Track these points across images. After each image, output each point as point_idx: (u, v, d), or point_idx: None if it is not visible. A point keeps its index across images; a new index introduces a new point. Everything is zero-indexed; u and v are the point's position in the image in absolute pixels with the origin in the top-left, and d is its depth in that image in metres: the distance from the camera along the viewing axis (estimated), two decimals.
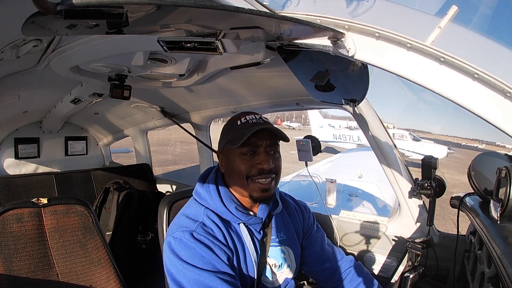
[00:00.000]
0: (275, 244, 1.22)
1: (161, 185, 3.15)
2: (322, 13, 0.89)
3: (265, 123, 1.10)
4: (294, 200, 1.40)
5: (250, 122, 1.09)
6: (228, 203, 1.11)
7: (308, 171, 1.87)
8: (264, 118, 1.13)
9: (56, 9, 0.52)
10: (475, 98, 0.73)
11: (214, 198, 1.11)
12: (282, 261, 1.23)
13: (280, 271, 1.22)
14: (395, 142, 1.59)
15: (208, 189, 1.13)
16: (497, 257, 0.82)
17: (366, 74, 1.11)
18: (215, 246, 1.02)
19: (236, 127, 1.10)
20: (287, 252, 1.25)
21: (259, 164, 1.07)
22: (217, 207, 1.10)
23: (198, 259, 0.98)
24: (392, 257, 1.64)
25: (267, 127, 1.07)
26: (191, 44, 0.97)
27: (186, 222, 1.06)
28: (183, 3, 0.61)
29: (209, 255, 1.00)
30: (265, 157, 1.08)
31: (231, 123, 1.14)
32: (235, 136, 1.08)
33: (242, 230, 1.13)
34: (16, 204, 1.34)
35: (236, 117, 1.15)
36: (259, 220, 1.15)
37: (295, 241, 1.28)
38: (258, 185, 1.08)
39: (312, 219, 1.39)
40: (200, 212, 1.10)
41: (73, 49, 1.33)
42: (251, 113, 1.13)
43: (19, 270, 1.26)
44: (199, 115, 2.47)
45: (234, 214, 1.10)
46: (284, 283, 1.25)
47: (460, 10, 0.74)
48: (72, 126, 3.35)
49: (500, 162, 1.19)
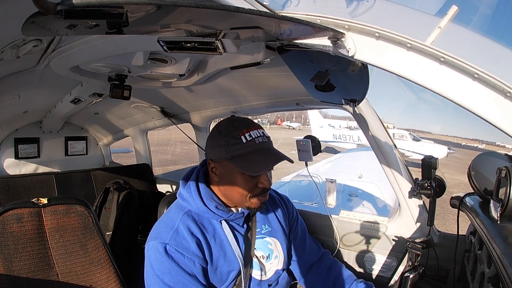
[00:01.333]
0: (260, 236, 1.25)
1: (161, 185, 3.15)
2: (322, 13, 0.89)
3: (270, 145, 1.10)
4: (277, 192, 1.44)
5: (257, 141, 1.06)
6: (209, 202, 1.13)
7: (308, 171, 1.88)
8: (266, 134, 1.12)
9: (56, 9, 0.51)
10: (475, 98, 0.73)
11: (195, 198, 1.13)
12: (269, 251, 1.25)
13: (269, 263, 1.25)
14: (395, 142, 1.59)
15: (190, 189, 1.15)
16: (497, 257, 0.82)
17: (366, 74, 1.11)
18: (186, 259, 1.06)
19: (242, 145, 1.05)
20: (274, 243, 1.28)
21: (262, 184, 1.10)
22: (198, 207, 1.13)
23: (166, 274, 1.04)
24: (392, 257, 1.64)
25: (281, 160, 1.08)
26: (191, 44, 0.96)
27: (162, 230, 1.10)
28: (183, 3, 0.61)
29: (177, 271, 1.05)
30: (268, 178, 1.10)
31: (230, 135, 1.07)
32: (244, 160, 1.05)
33: (224, 227, 1.15)
34: (16, 204, 1.34)
35: (233, 126, 1.09)
36: (240, 215, 1.18)
37: (281, 232, 1.32)
38: (259, 201, 1.12)
39: (296, 213, 1.44)
40: (178, 217, 1.13)
41: (73, 49, 1.33)
42: (252, 127, 1.09)
43: (19, 270, 1.26)
44: (199, 115, 2.47)
45: (215, 212, 1.13)
46: (276, 275, 1.27)
47: (460, 10, 0.74)
48: (72, 126, 3.35)
49: (500, 162, 1.19)
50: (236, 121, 1.11)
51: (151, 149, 3.35)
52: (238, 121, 1.11)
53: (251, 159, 1.04)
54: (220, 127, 1.11)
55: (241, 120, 1.12)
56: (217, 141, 1.09)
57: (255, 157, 1.05)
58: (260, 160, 1.05)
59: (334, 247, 1.77)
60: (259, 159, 1.04)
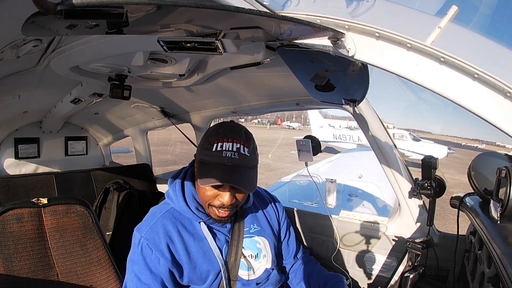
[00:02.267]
0: (249, 235, 1.27)
1: (161, 185, 3.15)
2: (322, 13, 0.89)
3: (238, 164, 1.02)
4: (267, 192, 1.47)
5: (224, 154, 1.02)
6: (190, 202, 1.15)
7: (308, 171, 1.88)
8: (244, 151, 1.04)
9: (56, 9, 0.51)
10: (475, 98, 0.73)
11: (178, 197, 1.16)
12: (257, 251, 1.27)
13: (258, 262, 1.26)
14: (395, 142, 1.59)
15: (175, 188, 1.18)
16: (497, 257, 0.83)
17: (366, 74, 1.11)
18: (153, 255, 1.10)
19: (210, 152, 1.03)
20: (262, 242, 1.30)
21: (222, 199, 1.07)
22: (180, 206, 1.16)
23: (136, 264, 1.12)
24: (392, 257, 1.64)
25: (231, 184, 1.03)
26: (191, 44, 0.96)
27: (143, 223, 1.17)
28: (183, 3, 0.61)
29: (143, 264, 1.10)
30: (228, 196, 1.06)
31: (209, 138, 1.07)
32: (204, 168, 1.05)
33: (202, 228, 1.17)
34: (16, 204, 1.34)
35: (217, 131, 1.07)
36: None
37: (269, 231, 1.34)
38: (216, 213, 1.10)
39: (285, 213, 1.46)
40: (159, 213, 1.17)
41: (73, 49, 1.33)
42: (232, 138, 1.04)
43: (19, 270, 1.26)
44: (199, 115, 2.47)
45: (195, 213, 1.15)
46: (265, 273, 1.28)
47: (460, 10, 0.74)
48: (72, 126, 3.35)
49: (500, 162, 1.19)
50: (224, 127, 1.08)
51: (151, 149, 3.35)
52: (225, 127, 1.08)
53: (210, 169, 1.02)
54: (211, 127, 1.13)
55: (229, 128, 1.08)
56: (202, 139, 1.11)
57: (213, 169, 1.02)
58: (213, 173, 1.01)
59: (334, 247, 1.77)
60: (215, 172, 1.01)
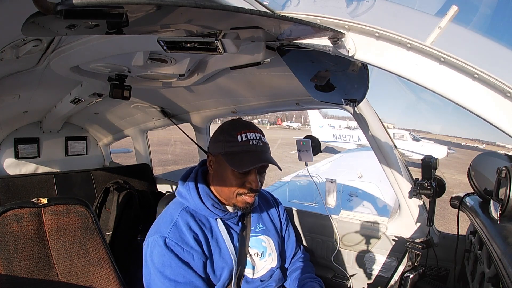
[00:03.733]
0: (254, 234, 1.30)
1: (161, 185, 3.15)
2: (322, 13, 0.89)
3: (264, 150, 1.16)
4: (270, 194, 1.52)
5: (251, 143, 1.14)
6: (206, 200, 1.18)
7: (308, 171, 1.88)
8: (264, 140, 1.19)
9: (56, 9, 0.51)
10: (475, 98, 0.73)
11: (193, 196, 1.19)
12: (263, 249, 1.30)
13: (263, 260, 1.29)
14: (395, 142, 1.59)
15: (188, 187, 1.21)
16: (497, 257, 0.83)
17: (366, 74, 1.11)
18: (185, 252, 1.10)
19: (236, 143, 1.13)
20: (268, 241, 1.33)
21: (250, 184, 1.15)
22: (195, 204, 1.18)
23: (167, 267, 1.07)
24: (392, 257, 1.64)
25: (267, 163, 1.14)
26: (191, 44, 0.96)
27: (162, 225, 1.15)
28: (183, 3, 0.61)
29: (177, 264, 1.08)
30: (256, 179, 1.15)
31: (229, 133, 1.16)
32: (235, 157, 1.12)
33: (219, 225, 1.20)
34: (16, 204, 1.34)
35: (234, 126, 1.18)
36: (234, 214, 1.24)
37: (274, 230, 1.38)
38: (245, 200, 1.16)
39: (286, 215, 1.50)
40: (176, 212, 1.18)
41: (73, 49, 1.33)
42: (251, 129, 1.17)
43: (19, 270, 1.26)
44: (199, 115, 2.47)
45: (211, 210, 1.18)
46: (270, 272, 1.31)
47: (460, 10, 0.74)
48: (72, 126, 3.35)
49: (500, 162, 1.19)
50: (239, 122, 1.20)
51: (151, 149, 3.35)
52: (240, 122, 1.20)
53: (241, 157, 1.12)
54: (224, 124, 1.21)
55: (243, 122, 1.21)
56: (218, 136, 1.19)
57: (245, 156, 1.12)
58: (248, 159, 1.11)
59: (334, 247, 1.77)
60: (248, 158, 1.12)
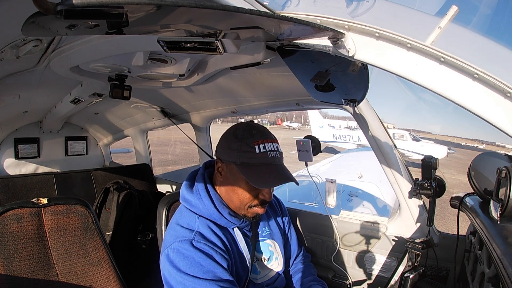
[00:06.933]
0: (261, 238, 1.27)
1: (161, 185, 3.15)
2: (322, 13, 0.89)
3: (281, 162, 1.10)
4: (274, 195, 1.43)
5: (270, 155, 1.05)
6: (222, 209, 1.11)
7: (308, 171, 1.87)
8: (280, 149, 1.11)
9: (56, 9, 0.51)
10: (475, 98, 0.73)
11: (207, 205, 1.10)
12: (270, 253, 1.27)
13: (270, 264, 1.26)
14: (395, 142, 1.59)
15: (199, 195, 1.12)
16: (497, 257, 0.82)
17: (366, 74, 1.11)
18: (216, 253, 1.02)
19: (253, 154, 1.04)
20: (274, 245, 1.30)
21: (263, 196, 1.09)
22: (211, 214, 1.10)
23: (197, 268, 0.97)
24: (392, 257, 1.64)
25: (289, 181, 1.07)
26: (191, 44, 0.96)
27: (182, 232, 1.05)
28: (183, 3, 0.61)
29: (208, 263, 0.99)
30: (270, 191, 1.10)
31: (245, 141, 1.05)
32: (251, 170, 1.04)
33: (236, 233, 1.15)
34: (16, 204, 1.34)
35: (250, 133, 1.07)
36: (247, 223, 1.20)
37: (279, 233, 1.34)
38: (256, 211, 1.12)
39: (288, 216, 1.46)
40: (194, 221, 1.09)
41: (73, 49, 1.33)
42: (269, 139, 1.08)
43: (19, 270, 1.26)
44: (199, 115, 2.47)
45: (228, 219, 1.11)
46: (275, 276, 1.28)
47: (460, 10, 0.74)
48: (72, 126, 3.35)
49: (500, 162, 1.19)
50: (255, 128, 1.09)
51: (151, 149, 3.35)
52: (256, 129, 1.09)
53: (259, 171, 1.03)
54: (237, 130, 1.10)
55: (260, 129, 1.10)
56: (231, 143, 1.07)
57: (264, 170, 1.04)
58: (267, 175, 1.03)
59: (334, 247, 1.77)
60: (266, 173, 1.03)
